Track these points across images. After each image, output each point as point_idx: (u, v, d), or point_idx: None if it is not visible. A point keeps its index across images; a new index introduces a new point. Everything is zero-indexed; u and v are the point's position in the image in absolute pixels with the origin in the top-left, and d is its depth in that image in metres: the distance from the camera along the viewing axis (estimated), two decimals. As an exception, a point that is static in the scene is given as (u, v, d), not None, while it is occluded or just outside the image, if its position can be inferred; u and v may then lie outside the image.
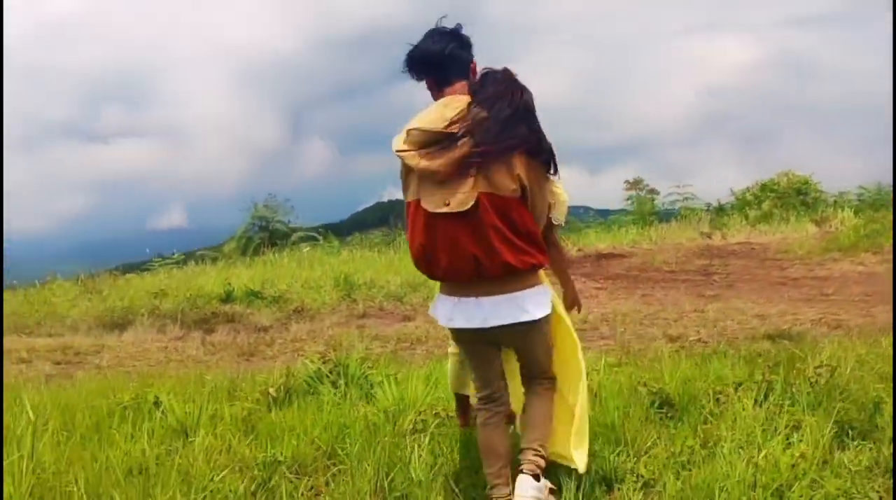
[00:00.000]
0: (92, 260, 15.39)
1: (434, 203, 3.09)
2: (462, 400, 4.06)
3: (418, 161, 3.09)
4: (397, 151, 3.16)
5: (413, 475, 3.65)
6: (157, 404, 4.66)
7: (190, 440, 4.19)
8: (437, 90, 3.31)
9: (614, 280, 10.40)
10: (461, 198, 3.07)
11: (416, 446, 3.91)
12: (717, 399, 4.64)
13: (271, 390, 5.00)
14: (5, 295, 10.99)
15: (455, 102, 3.18)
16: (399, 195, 3.43)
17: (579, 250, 13.66)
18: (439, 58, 3.28)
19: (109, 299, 10.05)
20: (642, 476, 3.65)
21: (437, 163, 3.06)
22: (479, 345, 3.39)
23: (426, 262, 3.22)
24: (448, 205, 3.07)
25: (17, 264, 12.70)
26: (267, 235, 15.51)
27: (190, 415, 4.46)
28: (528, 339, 3.38)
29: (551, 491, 3.40)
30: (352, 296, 9.62)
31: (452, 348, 3.91)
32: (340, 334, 7.84)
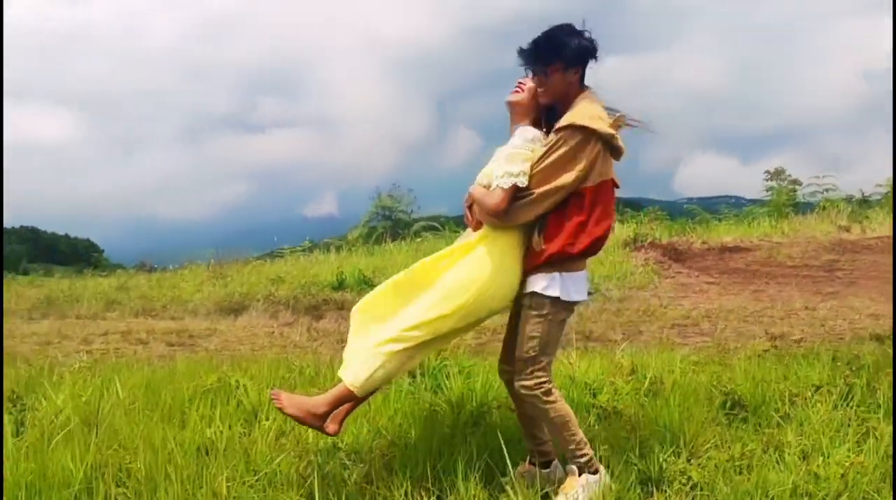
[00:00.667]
0: (251, 245, 16.12)
1: (615, 180, 3.46)
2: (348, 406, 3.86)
3: (621, 143, 3.38)
4: (613, 135, 3.34)
5: (460, 466, 3.70)
6: (237, 387, 4.90)
7: (260, 423, 4.39)
8: (580, 84, 3.48)
9: (730, 275, 10.09)
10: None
11: (467, 436, 3.97)
12: (793, 402, 4.51)
13: (349, 378, 5.15)
14: (139, 279, 11.72)
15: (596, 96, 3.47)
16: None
17: (704, 243, 13.27)
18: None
19: (231, 284, 10.53)
20: (692, 479, 3.58)
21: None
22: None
23: (601, 243, 3.44)
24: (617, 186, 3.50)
25: (179, 249, 13.43)
26: (390, 225, 15.82)
27: (263, 399, 4.66)
28: None
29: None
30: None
31: (417, 353, 3.58)
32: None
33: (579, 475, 3.40)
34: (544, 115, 3.53)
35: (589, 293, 8.37)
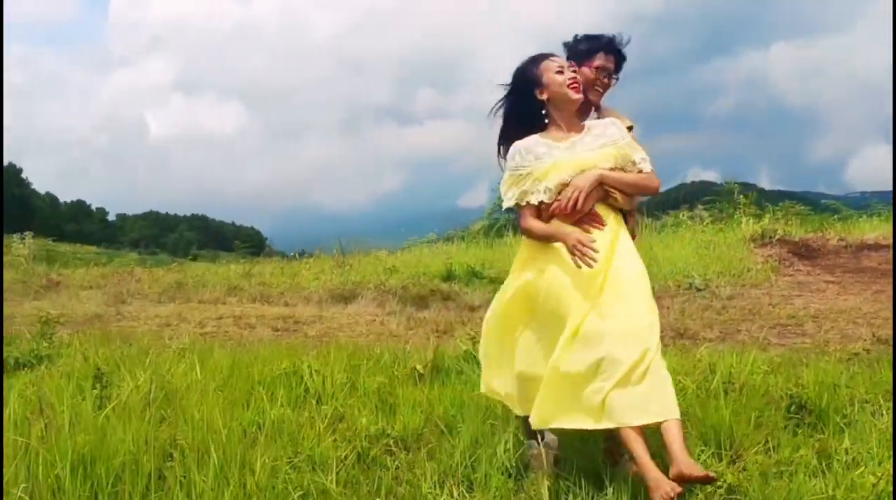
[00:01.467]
0: (409, 234, 16.56)
1: None
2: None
3: None
4: None
5: (496, 458, 3.75)
6: (310, 373, 5.10)
7: (320, 407, 4.57)
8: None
9: (857, 274, 9.57)
10: None
11: (506, 429, 3.99)
12: (862, 408, 4.31)
13: (419, 366, 5.28)
14: (265, 266, 12.24)
15: None
16: (705, 176, 3.76)
17: (841, 239, 12.61)
18: None
19: (349, 273, 10.85)
20: (727, 482, 3.50)
21: None
22: None
23: None
24: None
25: (338, 237, 13.88)
26: (513, 217, 15.75)
27: (327, 384, 4.84)
28: None
29: None
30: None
31: None
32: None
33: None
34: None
35: (698, 289, 8.19)
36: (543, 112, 3.51)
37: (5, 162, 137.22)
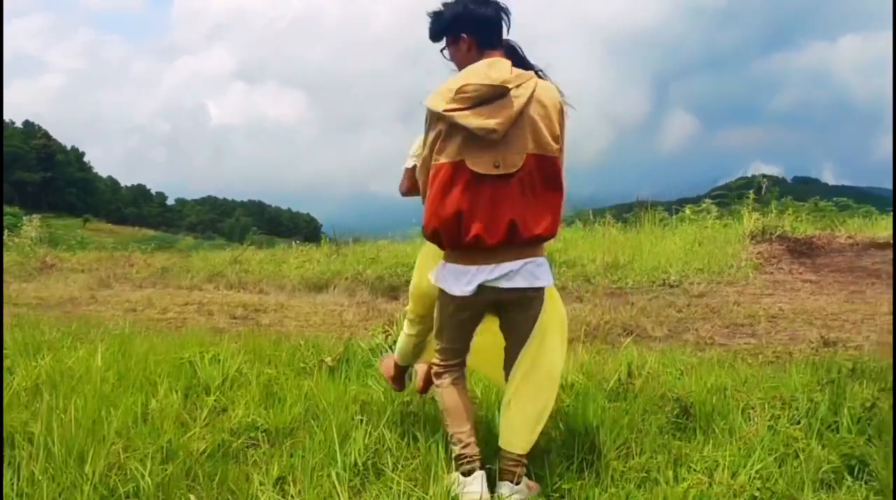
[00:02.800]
0: None
1: (483, 165, 3.05)
2: (401, 370, 4.14)
3: (471, 120, 3.02)
4: (445, 110, 3.05)
5: (355, 451, 3.69)
6: (215, 361, 5.09)
7: (210, 397, 4.55)
8: (477, 52, 3.27)
9: (843, 274, 9.24)
10: (512, 159, 3.07)
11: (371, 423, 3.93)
12: (747, 414, 4.18)
13: (328, 359, 5.24)
14: (256, 254, 12.31)
15: (499, 64, 3.18)
16: (766, 170, 3.53)
17: (849, 238, 12.23)
18: (491, 21, 3.29)
19: (334, 263, 10.85)
20: (563, 488, 3.41)
21: (493, 121, 3.02)
22: (477, 312, 3.37)
23: (455, 229, 3.10)
24: (498, 167, 3.05)
25: (392, 225, 13.98)
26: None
27: (224, 378, 4.83)
28: (531, 307, 3.30)
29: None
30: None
31: (410, 330, 3.88)
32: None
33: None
34: None
35: (671, 285, 7.96)
36: None
37: (68, 146, 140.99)
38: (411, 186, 3.59)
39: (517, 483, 3.27)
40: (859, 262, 10.24)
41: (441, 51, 3.39)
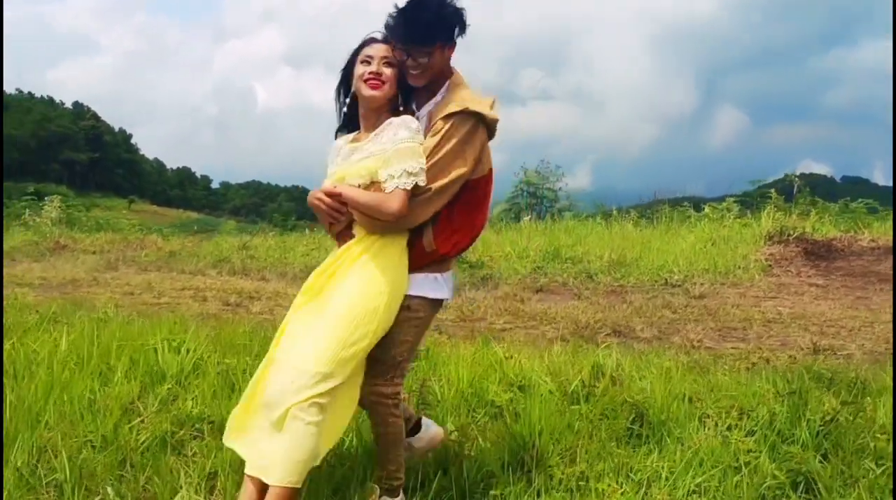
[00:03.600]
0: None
1: None
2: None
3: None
4: (497, 120, 3.05)
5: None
6: (177, 349, 5.06)
7: (165, 386, 4.52)
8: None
9: (854, 278, 8.99)
10: None
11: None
12: (702, 423, 4.05)
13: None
14: (268, 241, 12.32)
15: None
16: (816, 169, 3.34)
17: (872, 241, 11.91)
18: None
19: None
20: (492, 494, 3.33)
21: None
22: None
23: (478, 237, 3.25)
24: None
25: None
26: (534, 202, 15.49)
27: (183, 366, 4.79)
28: None
29: None
30: (544, 270, 9.42)
31: (318, 414, 2.88)
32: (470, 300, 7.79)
33: (380, 496, 3.17)
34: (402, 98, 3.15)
35: (673, 285, 7.83)
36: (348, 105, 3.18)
37: (116, 127, 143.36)
38: (408, 210, 2.94)
39: None
40: (876, 266, 9.97)
41: (417, 56, 2.99)
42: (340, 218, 3.00)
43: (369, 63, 3.02)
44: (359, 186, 2.95)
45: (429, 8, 2.94)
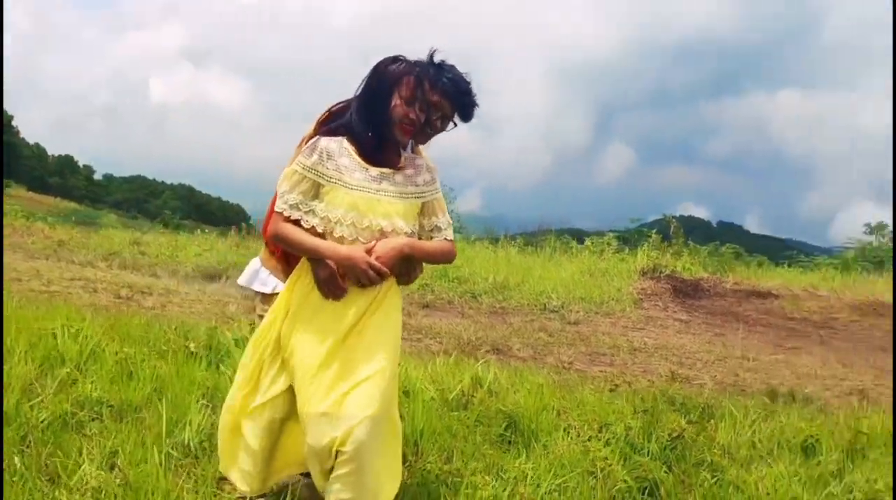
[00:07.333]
0: None
1: None
2: None
3: None
4: None
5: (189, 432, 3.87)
6: (75, 335, 5.19)
7: (64, 370, 4.66)
8: None
9: (715, 317, 9.79)
10: None
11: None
12: (567, 432, 4.49)
13: (191, 344, 5.40)
14: (161, 238, 12.32)
15: None
16: (696, 212, 3.38)
17: (735, 284, 12.80)
18: None
19: (235, 255, 10.95)
20: None
21: None
22: None
23: None
24: None
25: None
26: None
27: (81, 352, 4.94)
28: None
29: None
30: (431, 287, 9.85)
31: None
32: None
33: None
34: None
35: (551, 311, 8.29)
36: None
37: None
38: None
39: None
40: (736, 307, 10.82)
41: (445, 126, 3.11)
42: (379, 281, 2.95)
43: (411, 104, 2.94)
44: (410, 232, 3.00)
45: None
